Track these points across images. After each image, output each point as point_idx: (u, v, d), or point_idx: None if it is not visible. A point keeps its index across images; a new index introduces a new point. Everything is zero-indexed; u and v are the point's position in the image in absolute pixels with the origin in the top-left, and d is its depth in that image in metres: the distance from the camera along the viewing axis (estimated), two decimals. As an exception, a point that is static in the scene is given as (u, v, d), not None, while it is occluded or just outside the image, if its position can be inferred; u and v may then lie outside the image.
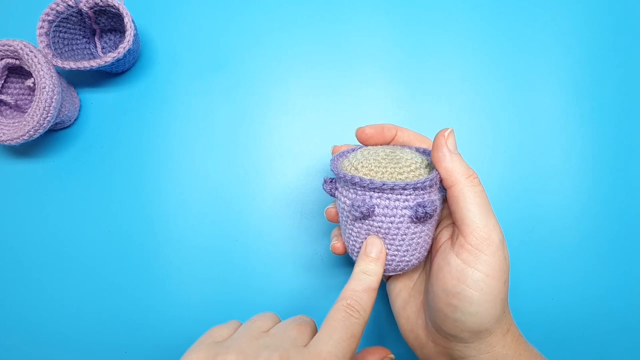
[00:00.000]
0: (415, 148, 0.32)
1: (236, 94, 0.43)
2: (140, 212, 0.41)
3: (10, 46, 0.36)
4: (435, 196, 0.28)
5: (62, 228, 0.41)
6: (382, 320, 0.39)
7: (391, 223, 0.28)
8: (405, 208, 0.27)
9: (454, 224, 0.28)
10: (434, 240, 0.31)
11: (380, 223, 0.28)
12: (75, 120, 0.42)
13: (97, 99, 0.43)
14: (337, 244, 0.33)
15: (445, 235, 0.30)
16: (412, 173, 0.28)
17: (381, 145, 0.32)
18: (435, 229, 0.32)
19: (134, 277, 0.40)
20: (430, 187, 0.28)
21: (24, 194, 0.41)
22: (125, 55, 0.38)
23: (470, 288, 0.26)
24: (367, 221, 0.28)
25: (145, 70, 0.43)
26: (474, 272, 0.26)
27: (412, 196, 0.27)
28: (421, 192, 0.27)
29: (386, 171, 0.28)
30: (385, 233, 0.28)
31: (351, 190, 0.28)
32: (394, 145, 0.32)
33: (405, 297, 0.33)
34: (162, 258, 0.40)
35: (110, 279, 0.40)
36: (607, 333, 0.39)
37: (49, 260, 0.40)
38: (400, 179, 0.27)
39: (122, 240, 0.40)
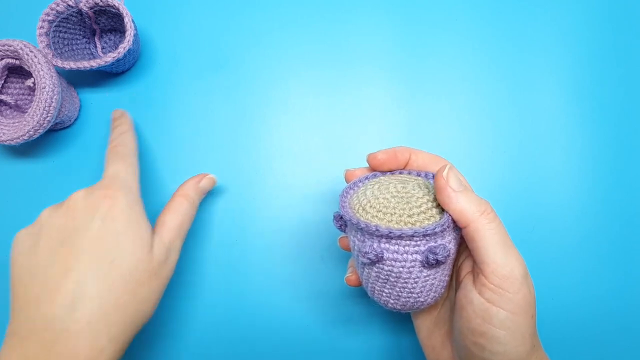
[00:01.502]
0: (432, 175, 0.30)
1: (236, 94, 0.43)
2: (140, 212, 0.41)
3: (10, 46, 0.36)
4: (448, 238, 0.26)
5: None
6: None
7: (402, 267, 0.26)
8: (415, 253, 0.26)
9: (474, 261, 0.27)
10: (457, 271, 0.30)
11: (391, 267, 0.26)
12: (75, 120, 0.42)
13: (97, 99, 0.43)
14: (351, 277, 0.32)
15: (467, 267, 0.29)
16: (423, 215, 0.26)
17: (394, 171, 0.31)
18: (456, 261, 0.31)
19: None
20: (442, 231, 0.26)
21: (24, 194, 0.41)
22: (125, 55, 0.38)
23: (497, 327, 0.25)
24: (377, 265, 0.27)
25: (145, 70, 0.43)
26: (499, 311, 0.25)
27: (423, 242, 0.26)
28: (432, 237, 0.26)
29: (395, 212, 0.26)
30: (396, 277, 0.27)
31: (358, 235, 0.27)
32: (408, 173, 0.31)
33: (429, 326, 0.32)
34: (162, 258, 0.40)
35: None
36: (607, 333, 0.39)
37: (49, 260, 0.40)
38: (410, 222, 0.26)
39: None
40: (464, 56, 0.43)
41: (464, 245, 0.30)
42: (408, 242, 0.25)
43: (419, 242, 0.26)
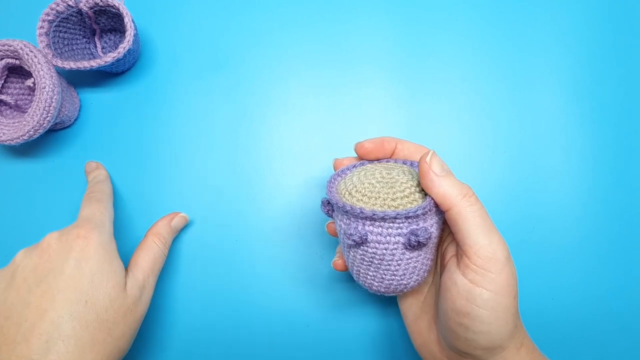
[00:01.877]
0: (417, 163, 0.30)
1: (236, 94, 0.43)
2: (139, 212, 0.41)
3: (10, 46, 0.36)
4: (430, 222, 0.27)
5: (61, 228, 0.40)
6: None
7: (385, 250, 0.27)
8: (398, 235, 0.27)
9: (457, 244, 0.28)
10: (441, 255, 0.31)
11: (375, 249, 0.27)
12: (75, 120, 0.42)
13: (97, 99, 0.43)
14: (338, 261, 0.33)
15: (451, 250, 0.30)
16: (406, 199, 0.27)
17: (381, 160, 0.32)
18: (440, 246, 0.31)
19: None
20: (424, 214, 0.27)
21: (24, 194, 0.41)
22: (125, 55, 0.38)
23: (480, 308, 0.26)
24: (362, 247, 0.28)
25: (145, 70, 0.43)
26: (482, 291, 0.26)
27: (405, 224, 0.26)
28: (414, 219, 0.27)
29: (379, 197, 0.27)
30: (380, 259, 0.28)
31: (344, 219, 0.28)
32: (394, 161, 0.32)
33: (416, 311, 0.33)
34: (162, 258, 0.40)
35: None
36: (607, 333, 0.39)
37: (49, 260, 0.40)
38: (393, 205, 0.27)
39: (122, 240, 0.40)
40: (464, 56, 0.43)
41: (447, 230, 0.31)
42: (391, 224, 0.26)
43: (401, 225, 0.26)
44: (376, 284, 0.29)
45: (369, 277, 0.29)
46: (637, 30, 0.43)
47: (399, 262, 0.28)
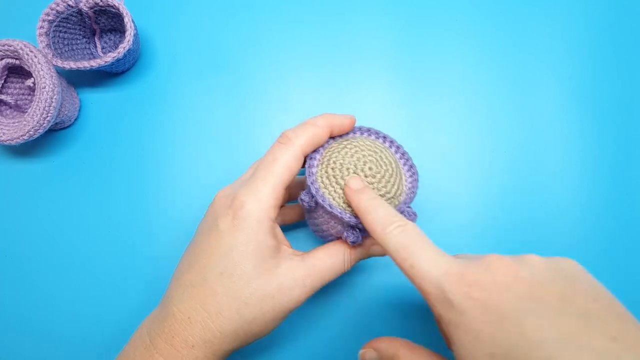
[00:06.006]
0: (374, 132, 0.33)
1: (236, 94, 0.43)
2: (140, 212, 0.41)
3: (10, 46, 0.36)
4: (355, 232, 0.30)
5: (62, 228, 0.41)
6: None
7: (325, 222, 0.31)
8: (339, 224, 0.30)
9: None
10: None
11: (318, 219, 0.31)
12: (75, 120, 0.42)
13: (97, 99, 0.43)
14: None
15: None
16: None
17: (342, 135, 0.33)
18: None
19: (135, 277, 0.40)
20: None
21: (24, 194, 0.41)
22: (125, 55, 0.38)
23: None
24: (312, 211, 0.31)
25: (145, 70, 0.43)
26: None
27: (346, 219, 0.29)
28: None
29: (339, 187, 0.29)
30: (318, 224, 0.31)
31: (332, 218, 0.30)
32: (354, 134, 0.33)
33: None
34: (163, 258, 0.40)
35: (110, 279, 0.40)
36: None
37: (49, 260, 0.40)
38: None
39: (122, 240, 0.40)
40: (464, 56, 0.43)
41: None
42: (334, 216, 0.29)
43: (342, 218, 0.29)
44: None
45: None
46: (637, 30, 0.43)
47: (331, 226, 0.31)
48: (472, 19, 0.43)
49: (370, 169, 0.29)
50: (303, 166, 0.31)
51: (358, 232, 0.29)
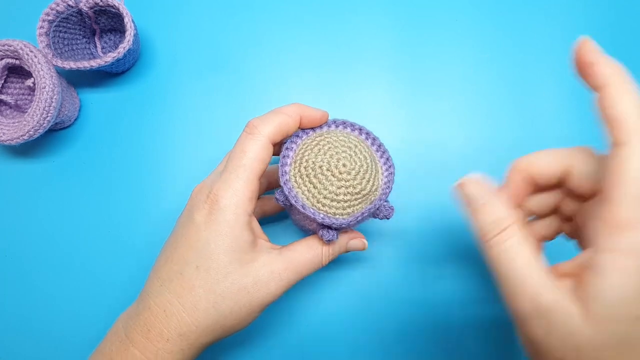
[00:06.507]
0: (352, 125, 0.32)
1: (236, 94, 0.43)
2: (140, 212, 0.41)
3: (10, 46, 0.36)
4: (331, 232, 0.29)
5: (62, 228, 0.41)
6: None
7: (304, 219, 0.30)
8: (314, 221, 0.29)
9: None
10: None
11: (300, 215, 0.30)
12: (75, 120, 0.42)
13: (97, 99, 0.43)
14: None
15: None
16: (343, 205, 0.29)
17: (315, 128, 0.32)
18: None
19: (135, 277, 0.40)
20: (337, 229, 0.29)
21: (24, 194, 0.41)
22: (125, 55, 0.38)
23: None
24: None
25: (145, 70, 0.43)
26: None
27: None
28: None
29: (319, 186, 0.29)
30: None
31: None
32: (335, 127, 0.32)
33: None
34: (162, 258, 0.40)
35: (110, 278, 0.40)
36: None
37: (49, 260, 0.40)
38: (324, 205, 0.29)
39: (122, 240, 0.40)
40: (464, 56, 0.43)
41: None
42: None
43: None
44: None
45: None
46: (637, 30, 0.43)
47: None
48: (472, 19, 0.43)
49: (344, 165, 0.28)
50: (276, 154, 0.31)
51: (333, 230, 0.29)
